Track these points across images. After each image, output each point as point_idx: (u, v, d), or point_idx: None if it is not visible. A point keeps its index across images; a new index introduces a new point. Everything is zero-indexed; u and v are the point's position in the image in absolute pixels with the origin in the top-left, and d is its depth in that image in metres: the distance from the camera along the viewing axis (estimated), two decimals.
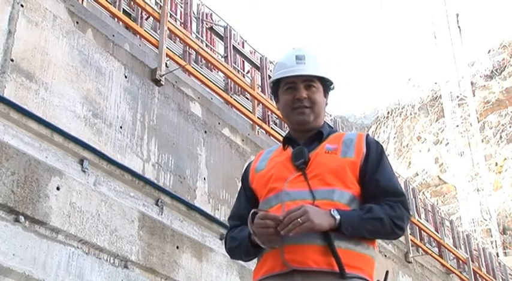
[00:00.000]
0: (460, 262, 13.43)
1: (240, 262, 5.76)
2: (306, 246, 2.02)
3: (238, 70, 9.78)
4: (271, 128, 8.89)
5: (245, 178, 2.38)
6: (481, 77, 46.76)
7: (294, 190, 2.12)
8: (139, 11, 7.66)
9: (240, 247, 2.21)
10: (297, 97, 2.26)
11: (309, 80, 2.27)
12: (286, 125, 9.90)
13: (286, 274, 2.04)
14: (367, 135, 2.29)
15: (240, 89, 9.05)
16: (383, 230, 2.10)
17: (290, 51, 2.35)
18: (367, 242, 2.12)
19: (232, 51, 9.50)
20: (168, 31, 6.63)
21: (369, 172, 2.17)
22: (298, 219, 1.96)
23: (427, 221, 14.08)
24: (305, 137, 2.28)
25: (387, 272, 2.16)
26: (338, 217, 2.02)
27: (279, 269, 2.06)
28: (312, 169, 2.16)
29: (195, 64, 8.37)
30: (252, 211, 2.08)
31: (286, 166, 2.21)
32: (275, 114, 9.01)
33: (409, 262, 10.45)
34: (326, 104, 2.36)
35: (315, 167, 2.16)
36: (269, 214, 2.03)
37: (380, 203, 2.12)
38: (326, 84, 2.33)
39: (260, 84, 9.71)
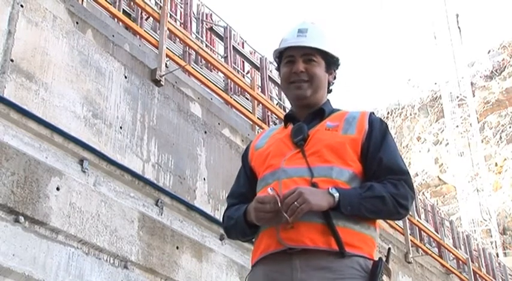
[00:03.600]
0: (460, 262, 13.43)
1: (240, 262, 5.77)
2: (302, 224, 1.95)
3: (238, 70, 9.78)
4: None
5: (245, 156, 2.33)
6: (480, 77, 46.76)
7: (292, 167, 2.06)
8: (139, 12, 7.66)
9: (237, 227, 2.15)
10: (294, 71, 2.18)
11: (308, 54, 2.19)
12: None
13: (284, 255, 1.98)
14: (371, 113, 2.20)
15: (239, 89, 9.05)
16: (385, 209, 2.01)
17: (295, 25, 2.26)
18: (368, 222, 2.04)
19: (232, 51, 9.50)
20: (168, 31, 6.63)
21: (372, 149, 2.09)
22: (295, 202, 1.89)
23: (427, 221, 14.08)
24: (306, 114, 2.21)
25: (389, 249, 2.09)
26: (337, 194, 1.95)
27: (274, 247, 1.99)
28: (311, 145, 2.09)
29: (195, 64, 8.37)
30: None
31: (285, 143, 2.15)
32: (275, 114, 9.01)
33: (409, 263, 10.44)
34: (332, 83, 2.27)
35: (313, 144, 2.09)
36: (266, 197, 1.96)
37: (382, 181, 2.03)
38: (329, 60, 2.23)
39: (260, 85, 9.71)
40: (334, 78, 2.30)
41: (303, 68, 2.18)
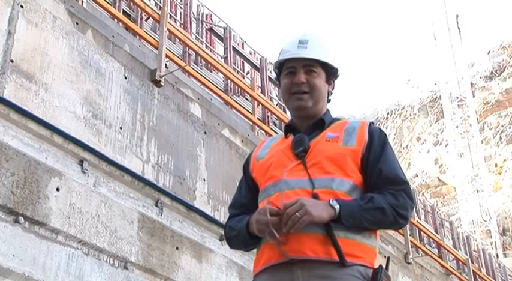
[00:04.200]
0: (460, 263, 13.43)
1: (240, 262, 5.77)
2: (303, 235, 1.98)
3: (238, 71, 9.78)
4: (271, 129, 8.88)
5: (246, 166, 2.35)
6: (480, 78, 46.74)
7: (293, 178, 2.09)
8: (139, 12, 7.66)
9: (239, 237, 2.19)
10: (295, 81, 2.21)
11: (309, 65, 2.22)
12: None
13: (286, 265, 2.01)
14: (371, 123, 2.23)
15: (239, 90, 9.05)
16: (385, 220, 2.04)
17: (295, 36, 2.30)
18: (369, 232, 2.07)
19: (232, 52, 9.51)
20: (167, 32, 6.63)
21: (371, 160, 2.12)
22: (297, 213, 1.92)
23: (427, 222, 14.07)
24: (306, 124, 2.24)
25: (388, 258, 2.12)
26: (337, 206, 1.98)
27: (276, 259, 2.03)
28: (312, 157, 2.12)
29: (194, 65, 8.37)
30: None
31: (286, 154, 2.17)
32: (275, 115, 9.01)
33: (409, 263, 10.45)
34: (330, 93, 2.31)
35: (314, 155, 2.12)
36: (271, 209, 1.99)
37: (382, 192, 2.07)
38: (329, 71, 2.26)
39: (260, 85, 9.71)
40: (333, 88, 2.34)
41: (304, 79, 2.21)
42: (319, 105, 2.25)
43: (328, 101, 2.32)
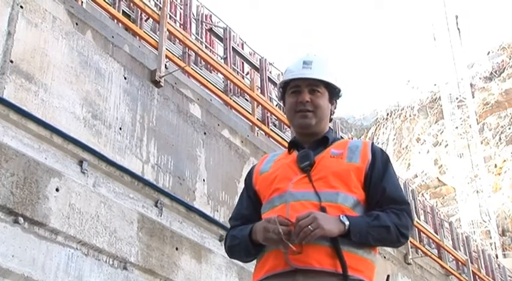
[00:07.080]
0: (460, 263, 13.42)
1: (240, 263, 5.77)
2: (310, 246, 2.03)
3: (237, 71, 9.78)
4: (271, 129, 8.89)
5: (248, 179, 2.40)
6: (480, 78, 46.77)
7: (299, 190, 2.14)
8: (139, 13, 7.66)
9: (241, 246, 2.22)
10: (300, 100, 2.28)
11: (313, 85, 2.30)
12: (285, 127, 9.91)
13: (288, 273, 2.05)
14: (373, 143, 2.32)
15: (239, 90, 9.06)
16: (389, 238, 2.12)
17: (299, 57, 2.38)
18: (369, 248, 2.14)
19: (231, 52, 9.51)
20: (167, 32, 6.63)
21: (375, 179, 2.19)
22: (309, 226, 1.97)
23: (427, 222, 14.07)
24: (310, 141, 2.31)
25: (388, 276, 2.18)
26: (347, 222, 2.04)
27: (282, 268, 2.07)
28: (317, 171, 2.18)
29: (194, 65, 8.37)
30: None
31: (291, 168, 2.23)
32: (274, 115, 9.01)
33: (409, 264, 10.45)
34: (333, 112, 2.39)
35: (320, 170, 2.18)
36: (282, 220, 2.03)
37: (386, 210, 2.14)
38: (333, 91, 2.35)
39: (259, 86, 9.71)
40: (335, 107, 2.42)
41: (309, 98, 2.29)
42: (322, 123, 2.33)
43: (330, 120, 2.41)
